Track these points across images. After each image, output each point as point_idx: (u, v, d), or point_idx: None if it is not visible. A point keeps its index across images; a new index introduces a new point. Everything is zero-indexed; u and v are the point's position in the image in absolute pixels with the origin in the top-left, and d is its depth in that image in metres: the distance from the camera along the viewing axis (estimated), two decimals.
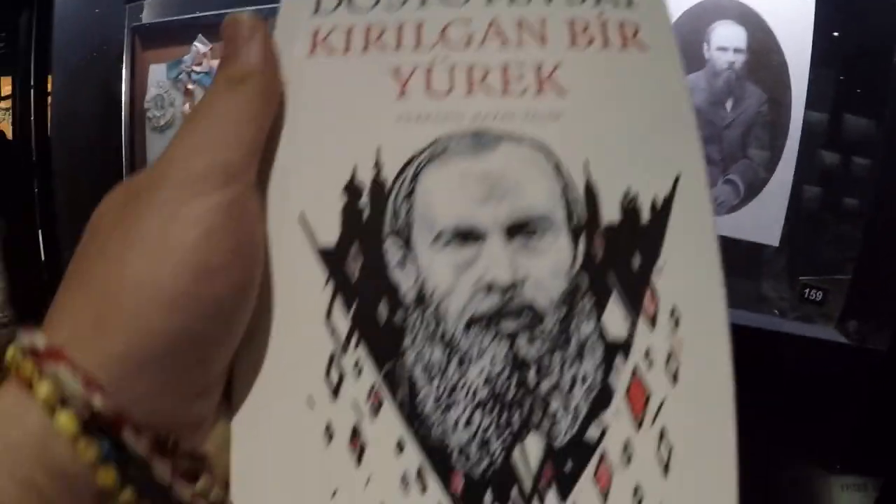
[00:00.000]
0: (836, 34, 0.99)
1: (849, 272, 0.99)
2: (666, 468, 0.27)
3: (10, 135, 1.35)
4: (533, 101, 0.29)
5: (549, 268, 0.28)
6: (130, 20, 1.21)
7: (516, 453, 0.26)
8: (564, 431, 0.27)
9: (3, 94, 1.40)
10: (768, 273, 1.02)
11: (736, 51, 0.94)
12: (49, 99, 1.25)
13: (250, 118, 0.26)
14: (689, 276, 0.29)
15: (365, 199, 0.28)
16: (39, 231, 1.34)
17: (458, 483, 0.26)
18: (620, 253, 0.28)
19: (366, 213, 0.28)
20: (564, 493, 0.26)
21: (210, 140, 0.25)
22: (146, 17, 1.22)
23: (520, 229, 0.28)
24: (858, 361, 0.88)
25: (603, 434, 0.27)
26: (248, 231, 0.26)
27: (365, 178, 0.28)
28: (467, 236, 0.28)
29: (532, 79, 0.30)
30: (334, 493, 0.26)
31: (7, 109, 1.39)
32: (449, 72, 0.30)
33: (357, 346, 0.27)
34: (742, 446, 0.27)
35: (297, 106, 0.29)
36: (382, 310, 0.27)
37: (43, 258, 1.35)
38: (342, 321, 0.27)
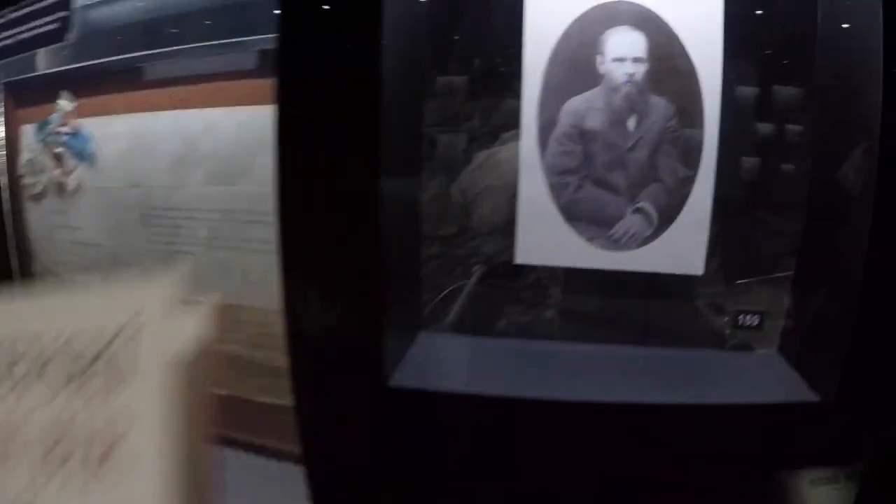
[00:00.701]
0: (758, 12, 0.85)
1: (786, 268, 0.86)
2: None
3: None
4: None
5: None
6: (7, 74, 1.08)
7: None
8: None
9: None
10: (696, 304, 0.89)
11: (635, 60, 0.80)
12: None
13: None
14: None
15: None
16: None
17: None
18: None
19: None
20: None
21: None
22: (45, 65, 1.10)
23: None
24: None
25: None
26: None
27: None
28: None
29: None
30: None
31: None
32: None
33: None
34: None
35: None
36: None
37: None
38: None
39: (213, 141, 0.91)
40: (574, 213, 0.81)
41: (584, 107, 0.80)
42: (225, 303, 0.95)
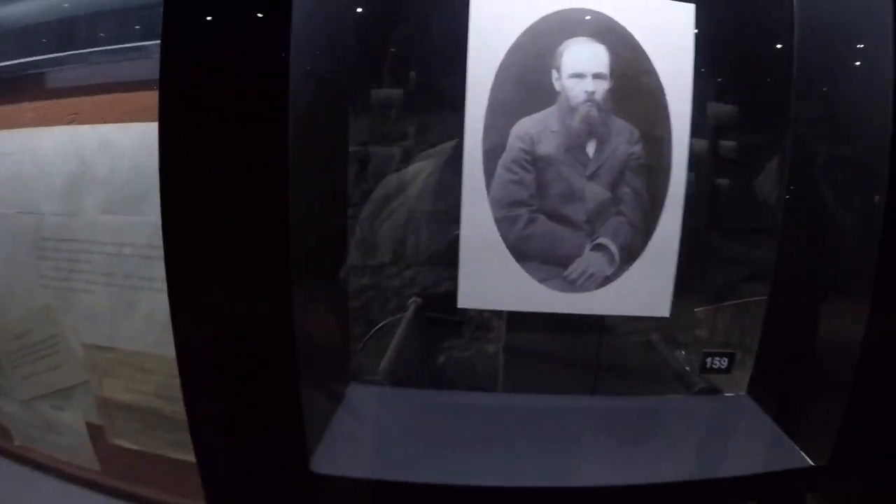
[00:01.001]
0: (732, 24, 0.73)
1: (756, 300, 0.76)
2: None
3: None
4: None
5: None
6: None
7: None
8: None
9: None
10: (662, 348, 0.78)
11: (596, 77, 0.68)
12: None
13: None
14: None
15: None
16: None
17: None
18: None
19: None
20: None
21: None
22: None
23: None
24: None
25: None
26: None
27: None
28: None
29: None
30: None
31: None
32: None
33: None
34: None
35: None
36: None
37: None
38: None
39: (109, 162, 0.76)
40: (525, 251, 0.69)
41: (537, 129, 0.68)
42: (129, 349, 0.81)
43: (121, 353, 0.80)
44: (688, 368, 0.79)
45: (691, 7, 0.70)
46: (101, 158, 0.77)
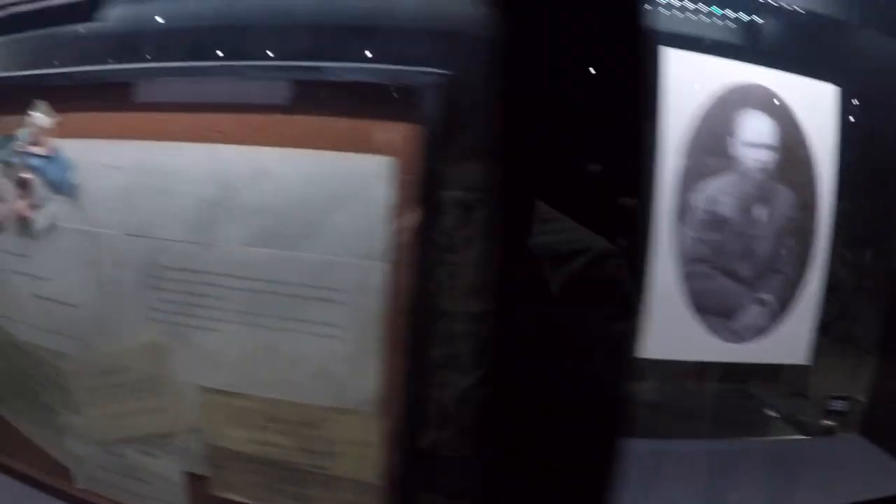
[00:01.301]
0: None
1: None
2: None
3: None
4: None
5: None
6: None
7: None
8: None
9: None
10: (793, 392, 0.83)
11: (766, 147, 0.73)
12: None
13: None
14: None
15: None
16: None
17: None
18: None
19: None
20: None
21: None
22: None
23: None
24: None
25: None
26: None
27: None
28: None
29: None
30: None
31: None
32: None
33: None
34: None
35: None
36: None
37: None
38: None
39: (262, 189, 0.68)
40: (702, 305, 0.72)
41: (717, 192, 0.71)
42: (262, 396, 0.72)
43: (251, 400, 0.71)
44: (796, 412, 0.83)
45: (835, 88, 0.77)
46: (252, 184, 0.68)
